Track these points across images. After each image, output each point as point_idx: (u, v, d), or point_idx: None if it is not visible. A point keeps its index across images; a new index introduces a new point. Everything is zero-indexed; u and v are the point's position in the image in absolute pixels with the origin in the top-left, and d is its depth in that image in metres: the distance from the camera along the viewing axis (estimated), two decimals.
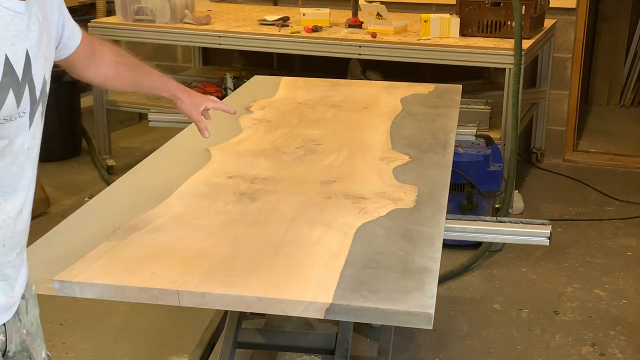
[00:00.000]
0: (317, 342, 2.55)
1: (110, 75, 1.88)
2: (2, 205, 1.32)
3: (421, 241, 1.78)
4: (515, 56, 3.81)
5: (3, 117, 1.26)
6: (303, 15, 4.39)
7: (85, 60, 1.78)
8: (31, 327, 1.49)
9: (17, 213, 1.35)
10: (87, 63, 1.79)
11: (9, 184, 1.32)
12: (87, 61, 1.79)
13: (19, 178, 1.34)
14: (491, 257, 3.70)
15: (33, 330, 1.50)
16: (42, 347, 1.54)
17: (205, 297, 1.55)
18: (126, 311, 3.21)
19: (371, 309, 1.50)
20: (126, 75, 1.92)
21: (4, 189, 1.32)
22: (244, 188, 2.10)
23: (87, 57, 1.78)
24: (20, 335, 1.44)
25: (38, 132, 1.39)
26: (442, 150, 2.45)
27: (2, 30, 1.24)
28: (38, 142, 1.41)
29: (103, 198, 2.07)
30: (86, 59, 1.78)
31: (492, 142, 3.80)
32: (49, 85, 1.42)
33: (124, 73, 1.91)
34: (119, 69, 1.90)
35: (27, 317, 1.48)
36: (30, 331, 1.48)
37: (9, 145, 1.30)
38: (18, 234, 1.37)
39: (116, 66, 1.89)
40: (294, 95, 3.12)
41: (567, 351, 2.97)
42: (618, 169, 4.89)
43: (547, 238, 2.21)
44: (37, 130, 1.39)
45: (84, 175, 4.66)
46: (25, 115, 1.31)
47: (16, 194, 1.34)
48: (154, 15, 4.47)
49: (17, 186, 1.34)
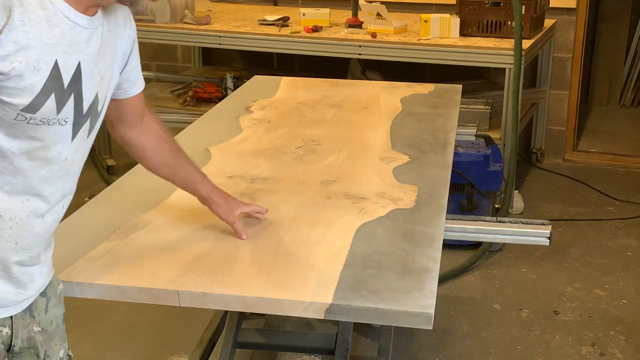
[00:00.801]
0: (317, 342, 2.55)
1: (151, 146, 1.75)
2: (24, 204, 1.35)
3: (421, 241, 1.78)
4: (515, 56, 3.81)
5: (40, 119, 1.30)
6: (303, 15, 4.39)
7: (133, 119, 1.70)
8: (50, 326, 1.50)
9: (37, 216, 1.38)
10: (134, 123, 1.71)
11: (34, 185, 1.35)
12: (135, 121, 1.71)
13: (47, 184, 1.37)
14: (491, 257, 3.69)
15: (52, 329, 1.51)
16: (60, 346, 1.55)
17: (205, 297, 1.55)
18: (126, 311, 3.21)
19: (371, 309, 1.50)
20: (165, 154, 1.78)
21: (29, 189, 1.35)
22: (244, 188, 2.10)
23: (136, 116, 1.70)
24: (29, 332, 1.45)
25: (81, 147, 1.43)
26: (442, 150, 2.45)
27: (57, 37, 1.29)
28: (79, 158, 1.44)
29: (103, 198, 2.08)
30: (135, 117, 1.70)
31: (492, 142, 3.79)
32: (102, 105, 1.45)
33: (164, 151, 1.77)
34: (160, 144, 1.77)
35: (46, 315, 1.49)
36: (47, 329, 1.50)
37: (44, 149, 1.34)
38: (35, 237, 1.39)
39: (158, 140, 1.76)
40: (294, 95, 3.12)
41: (567, 351, 2.97)
42: (618, 169, 4.89)
43: (547, 238, 2.22)
44: (81, 145, 1.42)
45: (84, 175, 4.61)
46: (67, 124, 1.35)
47: (41, 198, 1.37)
48: (154, 15, 4.47)
49: (44, 191, 1.37)
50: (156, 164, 1.79)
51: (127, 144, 1.75)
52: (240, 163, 2.31)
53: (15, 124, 1.29)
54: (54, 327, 1.51)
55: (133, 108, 1.68)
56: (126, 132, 1.72)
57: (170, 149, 1.78)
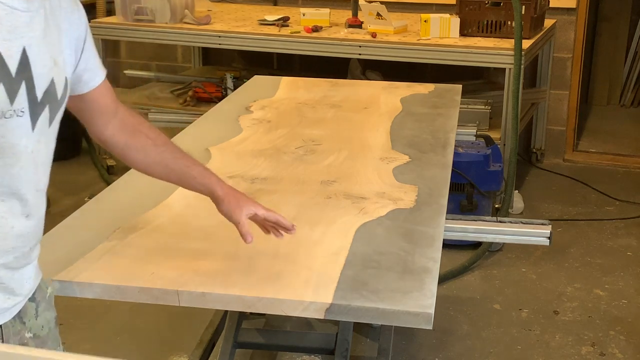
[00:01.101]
0: (317, 342, 2.55)
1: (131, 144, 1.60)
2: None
3: (421, 241, 1.78)
4: (515, 56, 3.81)
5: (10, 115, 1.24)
6: (303, 15, 4.39)
7: (105, 115, 1.58)
8: (41, 331, 1.45)
9: (14, 216, 1.31)
10: (107, 119, 1.58)
11: (7, 184, 1.29)
12: (107, 117, 1.58)
13: (19, 181, 1.31)
14: (491, 257, 3.69)
15: (44, 333, 1.46)
16: (55, 349, 1.49)
17: (205, 297, 1.55)
18: (126, 311, 3.21)
19: (371, 309, 1.50)
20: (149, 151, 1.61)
21: (2, 189, 1.29)
22: (244, 188, 2.10)
23: (108, 112, 1.58)
24: (21, 339, 1.40)
25: (44, 137, 1.34)
26: (442, 150, 2.45)
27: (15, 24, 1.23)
28: (44, 148, 1.36)
29: (103, 198, 2.07)
30: (106, 114, 1.58)
31: (492, 142, 3.79)
32: (63, 92, 1.37)
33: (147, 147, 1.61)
34: (140, 139, 1.60)
35: (37, 321, 1.44)
36: (39, 334, 1.44)
37: (10, 147, 1.27)
38: (15, 238, 1.33)
39: (137, 136, 1.60)
40: (294, 95, 3.12)
41: (567, 351, 2.97)
42: (618, 169, 4.89)
43: (547, 238, 2.22)
44: (43, 134, 1.34)
45: (84, 175, 4.65)
46: (24, 115, 1.28)
47: (16, 196, 1.31)
48: (154, 15, 4.47)
49: (19, 189, 1.31)
50: (142, 162, 1.64)
51: (105, 144, 1.62)
52: (240, 163, 2.31)
53: None
54: (46, 331, 1.47)
55: (101, 103, 1.56)
56: (102, 131, 1.59)
57: (154, 144, 1.62)
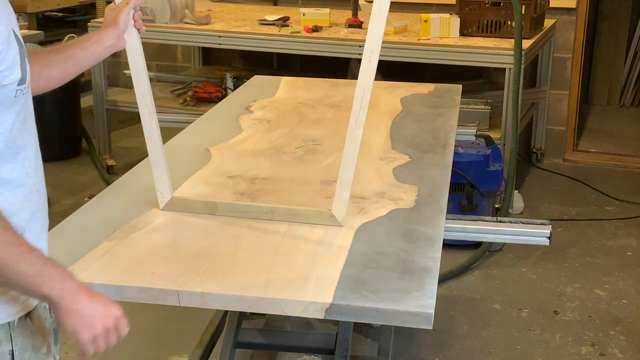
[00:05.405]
0: (317, 342, 2.55)
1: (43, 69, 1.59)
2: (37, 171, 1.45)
3: (421, 241, 1.78)
4: (515, 56, 3.81)
5: (28, 85, 1.35)
6: (303, 15, 4.39)
7: None
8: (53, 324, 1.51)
9: (41, 170, 1.46)
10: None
11: (34, 142, 1.42)
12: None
13: (36, 137, 1.43)
14: (491, 257, 3.69)
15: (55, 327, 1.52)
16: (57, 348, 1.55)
17: (205, 297, 1.55)
18: (126, 311, 3.20)
19: (371, 309, 1.50)
20: (43, 61, 1.59)
21: (35, 146, 1.42)
22: (244, 188, 2.10)
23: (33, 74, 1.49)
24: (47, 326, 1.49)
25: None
26: (442, 150, 2.45)
27: (4, 6, 1.31)
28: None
29: (103, 198, 2.07)
30: None
31: (492, 142, 3.80)
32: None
33: (39, 63, 1.57)
34: (35, 67, 1.52)
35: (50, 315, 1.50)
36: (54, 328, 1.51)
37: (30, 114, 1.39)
38: (42, 183, 1.49)
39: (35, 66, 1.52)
40: (294, 95, 3.12)
41: (567, 351, 2.97)
42: (618, 169, 4.89)
43: (547, 238, 2.21)
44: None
45: (84, 175, 4.66)
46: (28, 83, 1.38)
47: (37, 151, 1.44)
48: (154, 15, 4.47)
49: (37, 143, 1.43)
50: (57, 76, 1.63)
51: (38, 88, 1.57)
52: (240, 163, 2.31)
53: (14, 102, 1.31)
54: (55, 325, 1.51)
55: None
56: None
57: (50, 53, 1.62)
